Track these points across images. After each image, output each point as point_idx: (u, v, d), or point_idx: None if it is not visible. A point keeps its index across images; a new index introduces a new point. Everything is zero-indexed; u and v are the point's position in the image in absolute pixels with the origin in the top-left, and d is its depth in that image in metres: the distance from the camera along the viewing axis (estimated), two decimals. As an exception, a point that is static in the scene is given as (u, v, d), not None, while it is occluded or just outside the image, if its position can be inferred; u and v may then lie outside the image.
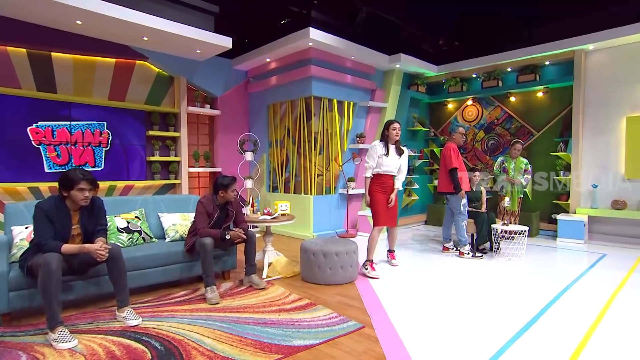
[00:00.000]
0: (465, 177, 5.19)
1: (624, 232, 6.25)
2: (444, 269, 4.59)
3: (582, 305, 3.41)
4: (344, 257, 4.00)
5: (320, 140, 6.52)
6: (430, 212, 8.07)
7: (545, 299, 3.55)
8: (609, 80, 6.33)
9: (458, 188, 5.05)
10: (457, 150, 5.21)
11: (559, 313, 3.24)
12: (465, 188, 5.13)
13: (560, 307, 3.38)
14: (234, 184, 3.74)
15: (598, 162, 6.45)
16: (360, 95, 7.08)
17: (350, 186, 6.75)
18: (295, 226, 6.57)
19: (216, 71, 6.79)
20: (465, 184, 5.15)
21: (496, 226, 5.13)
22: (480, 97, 7.82)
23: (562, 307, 3.38)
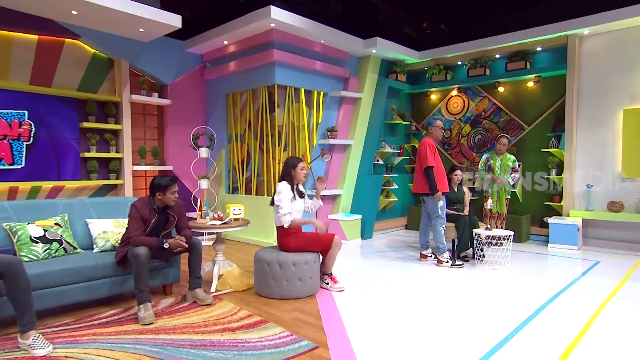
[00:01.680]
0: (443, 177, 5.21)
1: (621, 236, 6.37)
2: (419, 280, 4.62)
3: (565, 319, 3.44)
4: (302, 267, 3.96)
5: (285, 135, 6.48)
6: (412, 216, 8.10)
7: (526, 312, 3.58)
8: (605, 68, 6.45)
9: (434, 189, 5.06)
10: (434, 146, 5.23)
11: (540, 327, 3.26)
12: (442, 189, 5.14)
13: (541, 320, 3.41)
14: (173, 185, 3.65)
15: (593, 160, 6.56)
16: (331, 84, 7.06)
17: None
18: (257, 232, 6.50)
19: (165, 54, 6.66)
20: (443, 184, 5.17)
21: (478, 231, 5.15)
22: (466, 87, 7.89)
23: (543, 320, 3.41)
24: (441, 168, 5.20)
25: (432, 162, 5.07)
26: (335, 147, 7.15)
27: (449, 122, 8.18)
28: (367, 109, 7.45)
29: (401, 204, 8.42)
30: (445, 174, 5.31)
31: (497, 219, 6.21)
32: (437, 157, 5.17)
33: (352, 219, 6.69)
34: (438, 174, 5.11)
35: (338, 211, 7.09)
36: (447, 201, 5.73)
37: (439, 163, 5.19)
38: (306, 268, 3.98)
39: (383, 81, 7.64)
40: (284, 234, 4.10)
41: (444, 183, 5.18)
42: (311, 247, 4.06)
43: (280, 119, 6.42)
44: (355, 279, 4.64)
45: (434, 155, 5.14)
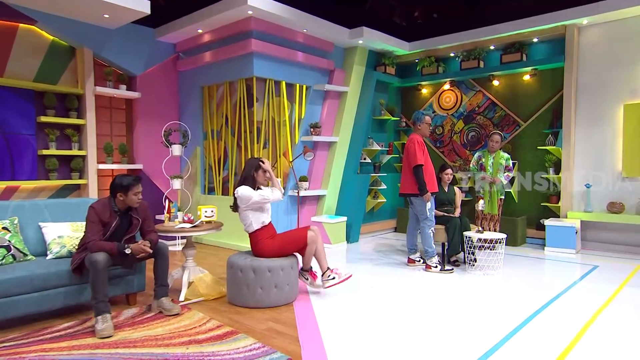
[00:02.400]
0: (432, 176, 5.21)
1: (621, 239, 6.41)
2: (405, 286, 4.61)
3: (558, 327, 3.44)
4: (278, 273, 3.94)
5: (265, 131, 6.45)
6: (401, 218, 8.10)
7: (516, 320, 3.58)
8: (605, 60, 6.49)
9: (423, 189, 5.04)
10: (423, 143, 5.22)
11: (531, 336, 3.26)
12: (431, 189, 5.13)
13: (532, 329, 3.40)
14: (136, 185, 3.59)
15: (592, 158, 6.60)
16: (315, 77, 7.03)
17: (302, 187, 6.70)
18: (235, 236, 6.44)
19: (134, 43, 6.56)
20: (432, 184, 5.16)
21: (469, 234, 5.15)
22: (459, 81, 7.91)
23: (534, 329, 3.40)
24: (430, 167, 5.19)
25: (422, 160, 5.05)
26: (319, 145, 7.12)
27: (441, 118, 8.19)
28: (353, 104, 7.43)
29: (390, 205, 8.41)
30: (434, 173, 5.31)
31: (490, 221, 6.21)
32: (426, 155, 5.17)
33: (337, 221, 6.67)
34: (427, 173, 5.10)
35: (322, 213, 7.06)
36: (437, 202, 5.75)
37: (428, 161, 5.19)
38: (282, 274, 3.96)
39: (370, 74, 7.61)
40: (257, 239, 4.07)
41: (433, 183, 5.17)
42: (287, 249, 4.05)
43: (259, 114, 6.38)
44: (337, 285, 4.54)
45: (424, 153, 5.13)
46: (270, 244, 4.05)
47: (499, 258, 5.05)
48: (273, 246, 4.05)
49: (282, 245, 4.04)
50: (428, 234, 5.18)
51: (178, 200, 6.91)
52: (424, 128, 5.29)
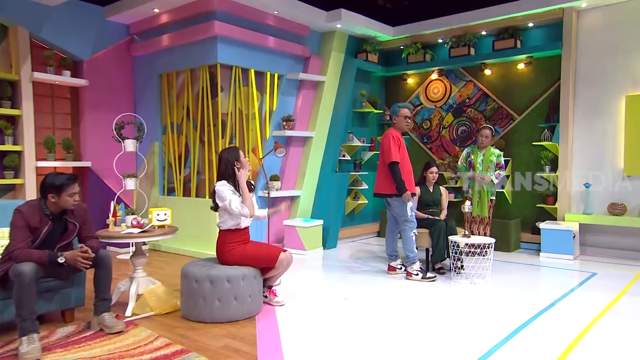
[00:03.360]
0: (409, 174, 5.20)
1: (623, 244, 6.44)
2: (383, 297, 4.59)
3: (546, 341, 3.44)
4: (239, 283, 3.89)
5: (231, 125, 6.39)
6: (385, 221, 7.80)
7: (503, 332, 3.58)
8: (605, 47, 6.51)
9: (402, 188, 5.02)
10: (399, 138, 5.23)
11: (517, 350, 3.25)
12: (410, 188, 5.13)
13: (518, 342, 3.39)
14: (71, 185, 3.48)
15: (592, 155, 6.62)
16: (288, 64, 6.97)
17: (273, 187, 6.65)
18: (199, 242, 6.35)
19: (79, 22, 6.40)
20: (409, 183, 5.16)
21: (454, 238, 5.13)
22: (447, 70, 7.90)
23: (521, 342, 3.39)
24: (407, 164, 5.20)
25: (397, 156, 5.06)
26: (292, 140, 7.06)
27: (428, 111, 8.19)
28: (331, 95, 7.38)
29: (372, 207, 8.38)
30: (412, 170, 5.30)
31: (480, 225, 6.18)
32: (403, 151, 5.18)
33: (313, 225, 6.64)
34: (404, 172, 5.09)
35: (296, 216, 7.00)
36: (421, 203, 5.75)
37: (405, 159, 5.19)
38: (244, 285, 3.91)
39: (350, 62, 7.58)
40: (225, 240, 4.05)
41: (410, 182, 5.17)
42: (252, 263, 4.04)
43: (224, 105, 6.30)
44: (308, 296, 4.59)
45: (400, 149, 5.13)
46: (236, 251, 4.04)
47: (488, 265, 5.03)
48: (239, 254, 4.03)
49: (249, 258, 4.04)
50: (409, 237, 5.15)
51: (133, 203, 6.77)
52: (399, 122, 5.30)
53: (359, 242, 7.59)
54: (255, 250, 4.09)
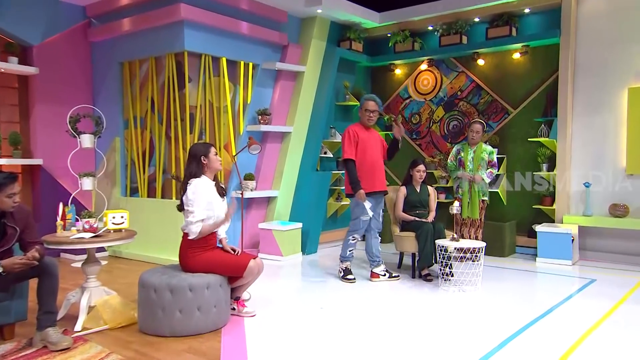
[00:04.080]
0: (369, 172, 5.27)
1: (625, 248, 6.47)
2: (363, 306, 4.57)
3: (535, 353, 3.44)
4: (203, 292, 3.84)
5: (200, 119, 6.34)
6: None
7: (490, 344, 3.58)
8: (607, 36, 6.55)
9: (355, 187, 5.17)
10: (356, 133, 5.32)
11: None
12: (366, 187, 5.22)
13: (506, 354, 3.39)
14: (10, 185, 3.44)
15: (592, 152, 6.65)
16: (264, 53, 6.94)
17: (248, 187, 6.60)
18: (165, 248, 6.25)
19: (28, 4, 6.27)
20: (369, 182, 5.24)
21: (441, 242, 5.13)
22: (438, 60, 7.91)
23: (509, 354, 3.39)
24: (368, 162, 5.28)
25: (351, 153, 5.20)
26: (269, 136, 7.03)
27: (417, 104, 8.20)
28: (311, 87, 7.36)
29: None
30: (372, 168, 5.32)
31: (471, 228, 6.22)
32: (362, 146, 5.27)
33: (291, 228, 6.62)
34: (363, 170, 5.22)
35: (272, 219, 6.97)
36: (407, 204, 5.78)
37: (367, 154, 5.27)
38: (208, 294, 3.86)
39: (333, 50, 7.56)
40: (189, 244, 4.01)
41: (370, 180, 5.26)
42: (218, 271, 4.01)
43: (193, 97, 6.25)
44: (281, 305, 4.56)
45: (357, 145, 5.25)
46: (201, 257, 4.00)
47: (478, 271, 5.04)
48: (203, 261, 3.99)
49: (214, 265, 4.00)
50: (347, 239, 5.44)
51: (92, 205, 6.66)
52: (362, 115, 5.41)
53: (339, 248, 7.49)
54: (222, 257, 4.05)
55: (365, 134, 5.36)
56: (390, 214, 6.06)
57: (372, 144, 5.35)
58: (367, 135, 5.36)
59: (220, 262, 4.00)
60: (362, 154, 5.25)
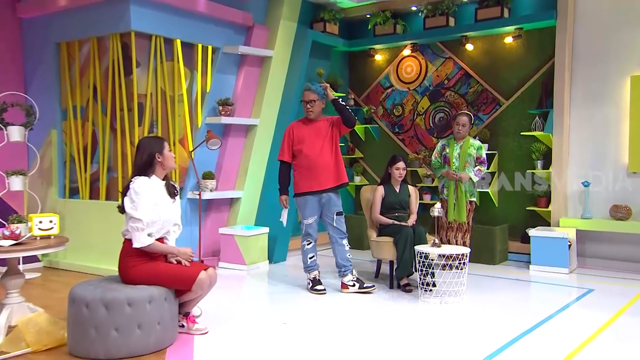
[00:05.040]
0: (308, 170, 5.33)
1: (627, 254, 6.48)
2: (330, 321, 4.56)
3: None
4: (144, 307, 3.76)
5: (151, 109, 6.26)
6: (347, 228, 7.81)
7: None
8: (608, 19, 6.56)
9: (280, 189, 5.50)
10: (295, 130, 5.42)
11: None
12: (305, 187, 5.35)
13: None
14: None
15: (591, 147, 6.67)
16: (225, 35, 6.87)
17: (207, 187, 6.53)
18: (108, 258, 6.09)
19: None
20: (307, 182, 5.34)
21: (421, 248, 5.10)
22: (423, 45, 7.91)
23: None
24: (305, 159, 5.34)
25: (281, 154, 5.45)
26: (231, 129, 6.97)
27: (400, 94, 8.19)
28: (280, 74, 7.32)
29: None
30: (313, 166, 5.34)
31: (458, 232, 6.23)
32: (298, 143, 5.36)
33: (256, 233, 6.60)
34: (299, 169, 5.38)
35: (235, 223, 6.91)
36: (385, 206, 5.79)
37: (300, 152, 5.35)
38: (151, 309, 3.77)
39: (305, 33, 7.52)
40: (129, 252, 3.91)
41: (308, 180, 5.35)
42: (164, 284, 3.92)
43: (142, 84, 6.18)
44: (239, 321, 4.54)
45: (292, 144, 5.40)
46: (143, 267, 3.91)
47: (462, 280, 5.03)
48: (146, 272, 3.90)
49: (159, 276, 3.91)
50: (302, 245, 5.59)
51: (24, 208, 6.49)
52: (304, 107, 5.52)
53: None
54: (168, 266, 3.96)
55: (305, 128, 5.42)
56: (367, 216, 6.03)
57: (311, 139, 5.36)
58: (306, 130, 5.41)
59: (165, 273, 3.91)
60: (298, 152, 5.37)
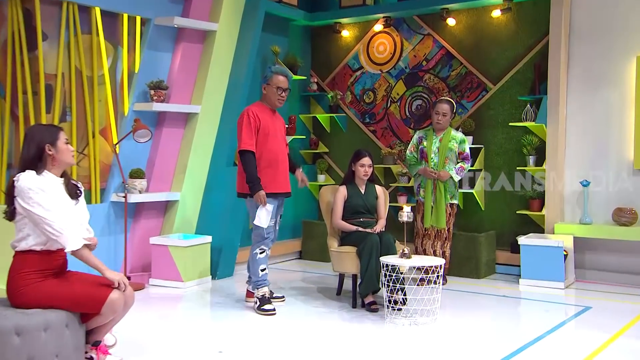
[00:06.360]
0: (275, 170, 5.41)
1: (631, 265, 6.48)
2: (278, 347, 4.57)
3: None
4: (38, 337, 3.58)
5: (63, 93, 6.14)
6: (310, 235, 8.06)
7: None
8: (608, -9, 6.63)
9: (253, 186, 5.27)
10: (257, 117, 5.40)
11: None
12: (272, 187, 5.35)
13: None
14: None
15: (591, 140, 6.69)
16: (158, 3, 6.76)
17: (135, 187, 6.40)
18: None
19: None
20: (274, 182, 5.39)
21: (388, 260, 5.08)
22: (397, 19, 7.89)
23: None
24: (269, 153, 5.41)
25: (250, 143, 5.31)
26: (166, 118, 6.87)
27: (371, 78, 8.18)
28: (227, 53, 7.23)
29: (292, 215, 8.28)
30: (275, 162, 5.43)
31: (436, 240, 6.24)
32: (263, 134, 5.40)
33: (196, 243, 6.54)
34: (261, 163, 5.37)
35: (171, 231, 6.80)
36: (348, 210, 5.79)
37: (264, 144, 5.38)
38: (47, 338, 3.60)
39: (256, 3, 7.40)
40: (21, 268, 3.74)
41: (271, 178, 5.39)
42: (64, 306, 3.75)
43: (51, 62, 6.05)
44: (166, 351, 4.49)
45: (257, 133, 5.37)
46: (39, 287, 3.73)
47: (436, 297, 5.01)
48: (42, 292, 3.72)
49: (58, 297, 3.74)
50: (254, 254, 5.52)
51: None
52: (269, 93, 5.53)
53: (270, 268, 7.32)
54: (71, 285, 3.78)
55: (269, 118, 5.49)
56: (327, 222, 6.02)
57: (275, 132, 5.50)
58: (270, 121, 5.49)
59: (67, 294, 3.73)
60: (263, 143, 5.38)
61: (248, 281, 5.70)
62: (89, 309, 3.77)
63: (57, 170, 3.85)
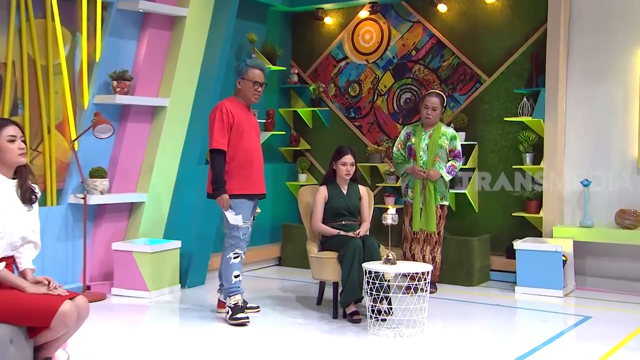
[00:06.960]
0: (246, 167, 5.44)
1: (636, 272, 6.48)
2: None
3: None
4: None
5: (14, 84, 6.04)
6: (291, 241, 8.09)
7: None
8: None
9: (218, 188, 5.35)
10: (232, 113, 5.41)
11: None
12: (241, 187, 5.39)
13: None
14: None
15: (592, 137, 6.71)
16: None
17: (95, 188, 6.32)
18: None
19: None
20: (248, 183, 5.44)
21: (370, 266, 5.06)
22: (384, 4, 7.90)
23: None
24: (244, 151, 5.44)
25: (221, 142, 5.34)
26: (131, 112, 6.80)
27: (357, 69, 8.20)
28: (198, 40, 7.19)
29: (270, 217, 8.32)
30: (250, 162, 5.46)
31: (426, 245, 6.25)
32: (237, 131, 5.42)
33: (163, 249, 6.50)
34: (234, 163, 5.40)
35: (136, 236, 6.75)
36: (329, 212, 5.81)
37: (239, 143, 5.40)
38: None
39: (231, -13, 7.45)
40: None
41: (246, 179, 5.44)
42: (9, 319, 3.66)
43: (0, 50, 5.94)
44: None
45: (231, 131, 5.39)
46: None
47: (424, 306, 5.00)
48: None
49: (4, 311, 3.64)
50: (227, 259, 5.51)
51: None
52: (244, 88, 5.55)
53: (245, 276, 7.30)
54: (17, 297, 3.69)
55: (244, 115, 5.52)
56: (306, 226, 6.01)
57: (250, 130, 5.53)
58: (245, 117, 5.52)
59: (12, 306, 3.64)
60: (237, 142, 5.39)
61: (219, 289, 5.69)
62: (38, 322, 3.67)
63: (6, 170, 3.77)
